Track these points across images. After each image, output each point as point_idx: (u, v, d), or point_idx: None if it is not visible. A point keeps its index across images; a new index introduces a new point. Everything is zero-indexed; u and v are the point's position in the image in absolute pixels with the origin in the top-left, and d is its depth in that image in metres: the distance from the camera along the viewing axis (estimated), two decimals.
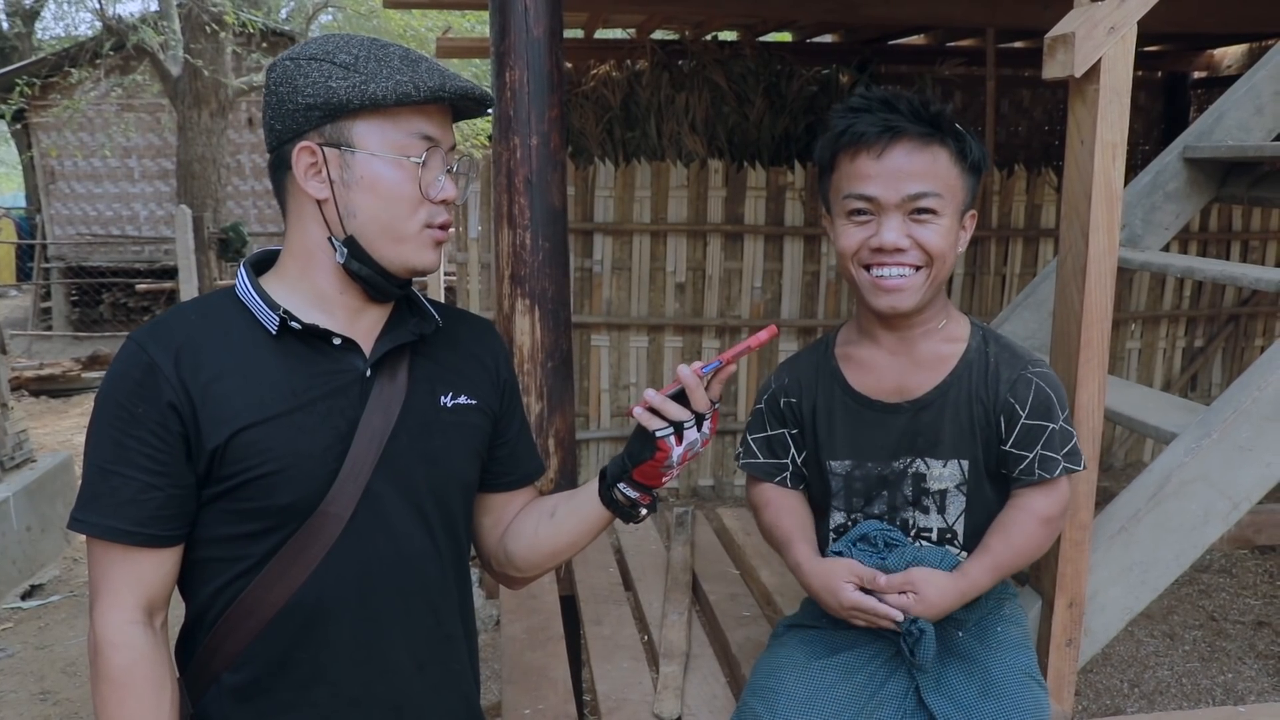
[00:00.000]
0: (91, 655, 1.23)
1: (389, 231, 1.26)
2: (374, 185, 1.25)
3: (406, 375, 1.34)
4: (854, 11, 5.18)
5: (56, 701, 3.53)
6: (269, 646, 1.27)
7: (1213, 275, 2.03)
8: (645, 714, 1.72)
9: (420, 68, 1.24)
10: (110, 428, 1.22)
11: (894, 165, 1.43)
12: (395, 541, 1.32)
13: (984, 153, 1.50)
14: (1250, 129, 2.28)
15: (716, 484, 5.79)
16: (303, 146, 1.25)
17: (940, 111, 1.46)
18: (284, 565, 1.26)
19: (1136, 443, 6.18)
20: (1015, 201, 5.80)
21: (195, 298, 1.37)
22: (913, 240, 1.44)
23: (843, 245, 1.49)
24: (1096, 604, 1.74)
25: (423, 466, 1.34)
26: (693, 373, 1.27)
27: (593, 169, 5.46)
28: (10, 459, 4.69)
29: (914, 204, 1.43)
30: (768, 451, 1.64)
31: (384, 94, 1.21)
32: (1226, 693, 3.48)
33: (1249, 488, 1.75)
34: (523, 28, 2.35)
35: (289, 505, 1.25)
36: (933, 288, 1.48)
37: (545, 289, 2.44)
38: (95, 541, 1.23)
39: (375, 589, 1.30)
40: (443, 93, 1.23)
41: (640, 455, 1.32)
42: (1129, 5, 1.53)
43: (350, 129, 1.24)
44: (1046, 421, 1.49)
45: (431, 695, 1.38)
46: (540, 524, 1.45)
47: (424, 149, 1.26)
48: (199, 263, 8.41)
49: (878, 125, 1.44)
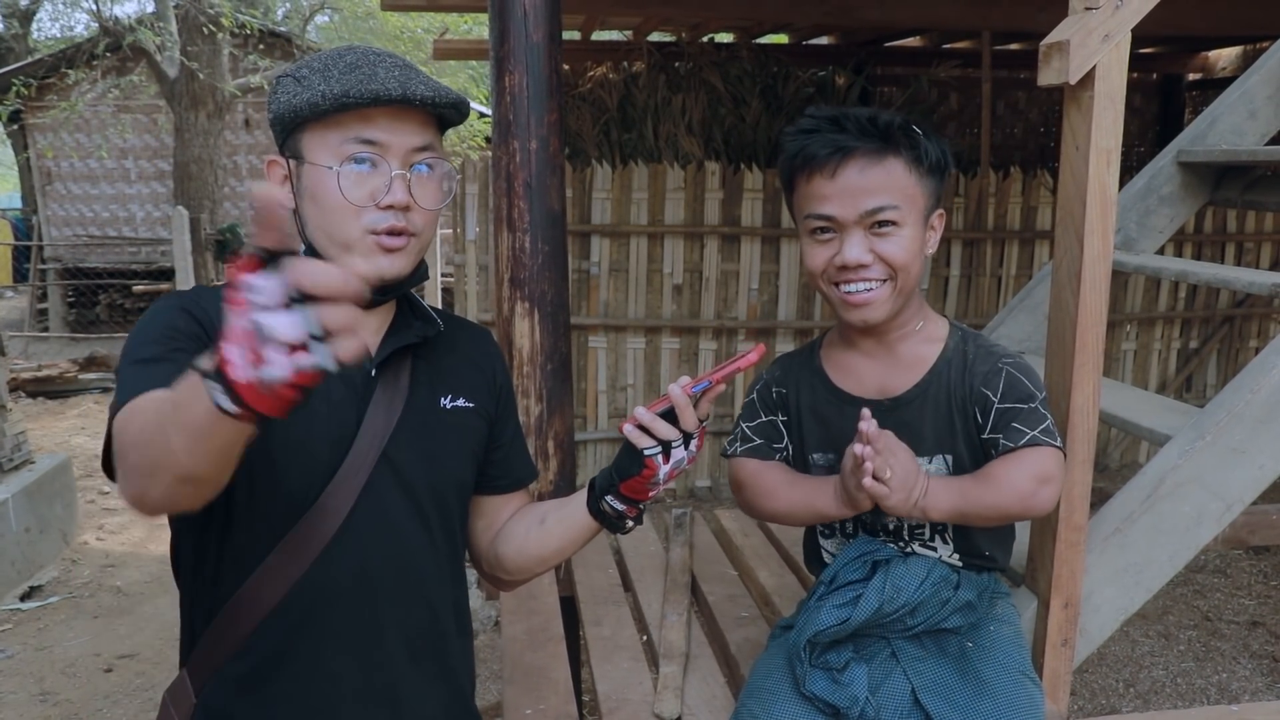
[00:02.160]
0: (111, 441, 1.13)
1: (332, 239, 1.28)
2: (315, 194, 1.27)
3: (409, 376, 1.37)
4: (850, 14, 5.19)
5: (56, 703, 3.54)
6: (270, 638, 1.29)
7: (1206, 279, 2.05)
8: (645, 714, 1.73)
9: (353, 74, 1.24)
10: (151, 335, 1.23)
11: (848, 183, 1.44)
12: (394, 536, 1.34)
13: (944, 151, 1.49)
14: (1244, 133, 2.30)
15: (714, 485, 5.81)
16: (270, 160, 1.32)
17: (890, 122, 1.45)
18: (285, 557, 1.28)
19: (1132, 444, 6.21)
20: (1011, 204, 5.81)
21: (213, 287, 1.38)
22: (875, 255, 1.45)
23: (810, 264, 1.51)
24: (1091, 604, 1.76)
25: (422, 465, 1.36)
26: (682, 392, 1.29)
27: (590, 171, 5.48)
28: (9, 460, 4.69)
29: (873, 218, 1.44)
30: (763, 435, 1.65)
31: (302, 105, 1.25)
32: (1221, 692, 3.50)
33: (1242, 489, 1.76)
34: (522, 32, 2.37)
35: (291, 498, 1.27)
36: (901, 296, 1.50)
37: (544, 292, 2.46)
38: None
39: (372, 583, 1.33)
40: (347, 99, 1.22)
41: (628, 471, 1.34)
42: (1122, 13, 1.54)
43: (300, 140, 1.28)
44: (1020, 403, 1.48)
45: (427, 688, 1.40)
46: (530, 530, 1.48)
47: (358, 153, 1.26)
48: (196, 264, 8.43)
49: (828, 146, 1.44)
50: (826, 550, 1.68)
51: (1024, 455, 1.46)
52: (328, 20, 16.92)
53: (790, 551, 2.45)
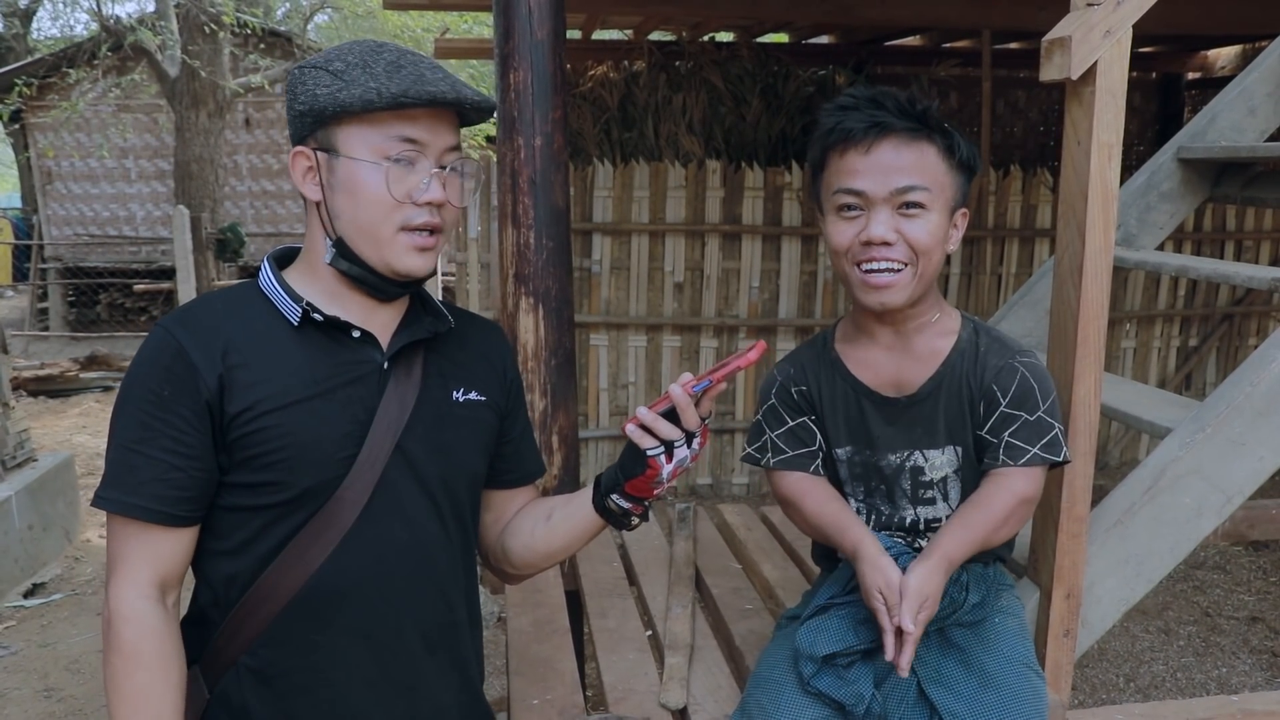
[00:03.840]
0: (104, 628, 1.26)
1: (366, 234, 1.29)
2: (352, 188, 1.28)
3: (421, 369, 1.39)
4: (850, 13, 5.21)
5: (61, 699, 3.55)
6: (286, 629, 1.31)
7: (1206, 274, 2.07)
8: (651, 704, 1.75)
9: (400, 73, 1.26)
10: (137, 409, 1.26)
11: (882, 160, 1.46)
12: (409, 528, 1.36)
13: (974, 152, 1.52)
14: (1243, 130, 2.31)
15: (715, 482, 5.83)
16: (297, 151, 1.32)
17: (927, 108, 1.48)
18: (301, 549, 1.30)
19: (1131, 441, 6.23)
20: (1011, 202, 5.83)
21: (220, 289, 1.40)
22: (900, 235, 1.46)
23: (835, 242, 1.52)
24: (1093, 595, 1.78)
25: (435, 457, 1.38)
26: (683, 391, 1.30)
27: (591, 169, 5.49)
28: (12, 458, 4.70)
29: (902, 198, 1.46)
30: (795, 442, 1.63)
31: (352, 100, 1.25)
32: (1221, 687, 3.52)
33: (1242, 481, 1.78)
34: (527, 30, 2.38)
35: (308, 489, 1.29)
36: (922, 283, 1.51)
37: (549, 288, 2.48)
38: (115, 518, 1.27)
39: (389, 573, 1.34)
40: (405, 99, 1.24)
41: (632, 470, 1.36)
42: (1124, 9, 1.56)
43: (335, 134, 1.28)
44: (1021, 411, 1.51)
45: (440, 678, 1.42)
46: (537, 525, 1.50)
47: (401, 151, 1.28)
48: (197, 263, 8.44)
49: (865, 121, 1.46)
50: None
51: (1021, 475, 1.51)
52: (327, 19, 16.93)
53: (793, 545, 2.47)
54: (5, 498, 4.43)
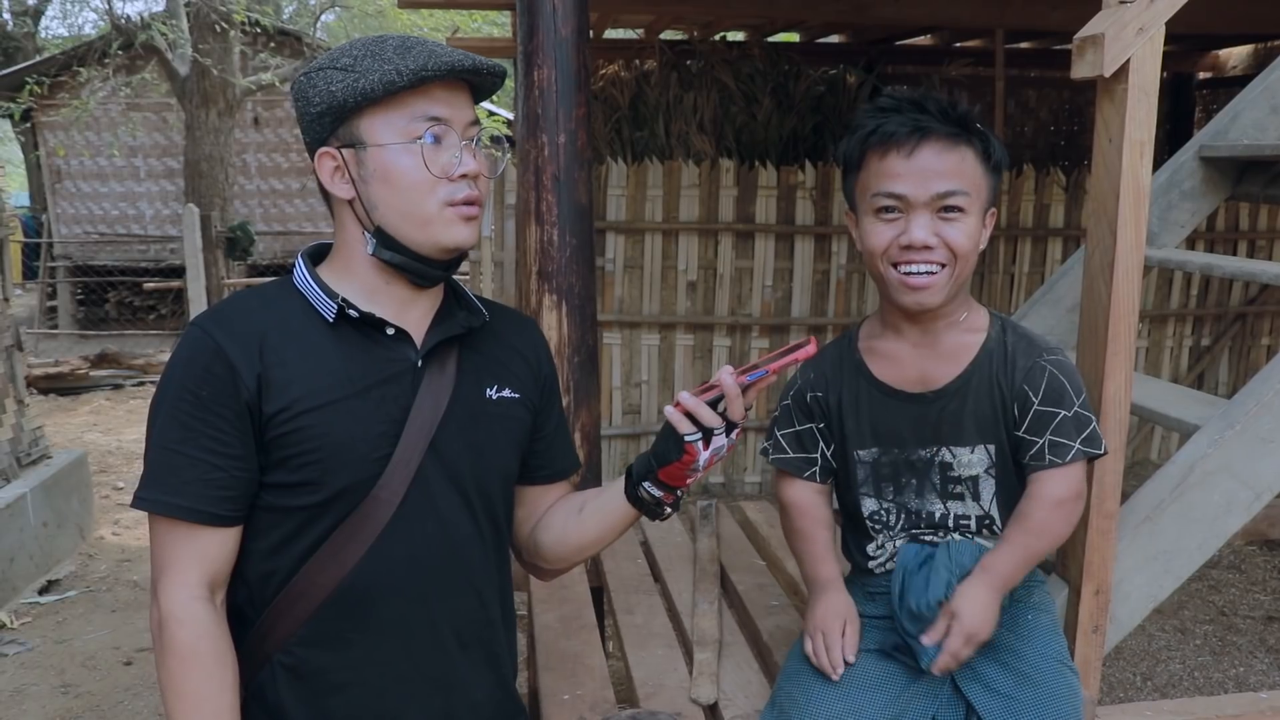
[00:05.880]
0: (155, 630, 1.26)
1: (410, 217, 1.29)
2: (387, 175, 1.28)
3: (455, 367, 1.38)
4: (863, 12, 5.21)
5: (78, 695, 3.56)
6: (322, 627, 1.31)
7: (1232, 271, 2.07)
8: (682, 699, 1.75)
9: (411, 53, 1.26)
10: (176, 410, 1.26)
11: (923, 164, 1.46)
12: (443, 526, 1.36)
13: (1005, 153, 1.54)
14: (1266, 128, 2.31)
15: (727, 481, 5.83)
16: (322, 153, 1.31)
17: (967, 112, 1.50)
18: (337, 547, 1.30)
19: (1143, 441, 6.22)
20: (1024, 201, 5.83)
21: (253, 287, 1.41)
22: (940, 239, 1.47)
23: (872, 244, 1.52)
24: (1121, 592, 1.78)
25: (469, 455, 1.38)
26: (734, 380, 1.28)
27: (604, 168, 5.49)
28: (27, 455, 4.72)
29: (942, 202, 1.47)
30: (797, 446, 1.67)
31: (372, 86, 1.25)
32: (1238, 685, 3.52)
33: (1270, 479, 1.78)
34: (551, 27, 2.39)
35: (344, 488, 1.29)
36: (957, 284, 1.52)
37: (572, 285, 2.48)
38: (159, 519, 1.27)
39: (423, 571, 1.34)
40: (426, 72, 1.25)
41: (667, 456, 1.34)
42: (1157, 6, 1.56)
43: (358, 127, 1.28)
44: (1058, 408, 1.52)
45: (474, 675, 1.42)
46: (569, 519, 1.49)
47: (429, 129, 1.28)
48: (206, 261, 8.44)
49: (907, 125, 1.47)
50: (867, 554, 1.68)
51: (1062, 476, 1.53)
52: (335, 18, 16.96)
53: None
54: (20, 494, 4.44)
